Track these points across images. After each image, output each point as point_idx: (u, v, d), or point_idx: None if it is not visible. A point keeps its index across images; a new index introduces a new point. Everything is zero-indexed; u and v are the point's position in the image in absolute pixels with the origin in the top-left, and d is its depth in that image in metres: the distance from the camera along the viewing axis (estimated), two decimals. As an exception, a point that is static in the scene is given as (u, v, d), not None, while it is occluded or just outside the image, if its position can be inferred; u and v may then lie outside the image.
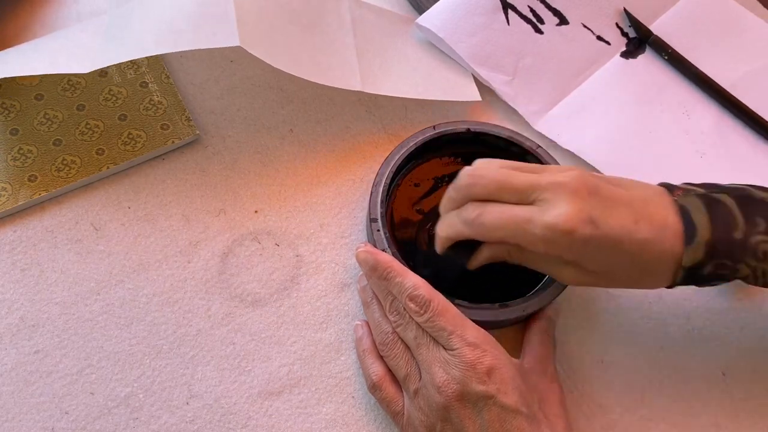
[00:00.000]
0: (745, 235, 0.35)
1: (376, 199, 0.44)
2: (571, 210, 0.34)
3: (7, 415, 0.39)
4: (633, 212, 0.35)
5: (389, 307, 0.39)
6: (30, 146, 0.47)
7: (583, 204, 0.34)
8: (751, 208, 0.35)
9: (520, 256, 0.38)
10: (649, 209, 0.35)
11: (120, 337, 0.42)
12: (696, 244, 0.34)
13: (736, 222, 0.35)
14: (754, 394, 0.43)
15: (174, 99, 0.50)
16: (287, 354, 0.42)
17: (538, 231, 0.34)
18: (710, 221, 0.35)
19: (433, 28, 0.53)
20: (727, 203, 0.36)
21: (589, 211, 0.34)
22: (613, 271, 0.36)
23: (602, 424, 0.42)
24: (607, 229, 0.34)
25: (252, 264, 0.45)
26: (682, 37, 0.55)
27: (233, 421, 0.40)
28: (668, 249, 0.35)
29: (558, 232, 0.34)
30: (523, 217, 0.35)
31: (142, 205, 0.46)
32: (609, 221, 0.34)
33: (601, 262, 0.35)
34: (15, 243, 0.44)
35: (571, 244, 0.34)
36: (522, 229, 0.35)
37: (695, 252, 0.35)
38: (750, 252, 0.35)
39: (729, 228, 0.35)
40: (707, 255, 0.35)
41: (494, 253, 0.39)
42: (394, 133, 0.51)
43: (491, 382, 0.34)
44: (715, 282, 0.36)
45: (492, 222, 0.36)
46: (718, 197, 0.36)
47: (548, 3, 0.55)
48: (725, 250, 0.35)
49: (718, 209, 0.35)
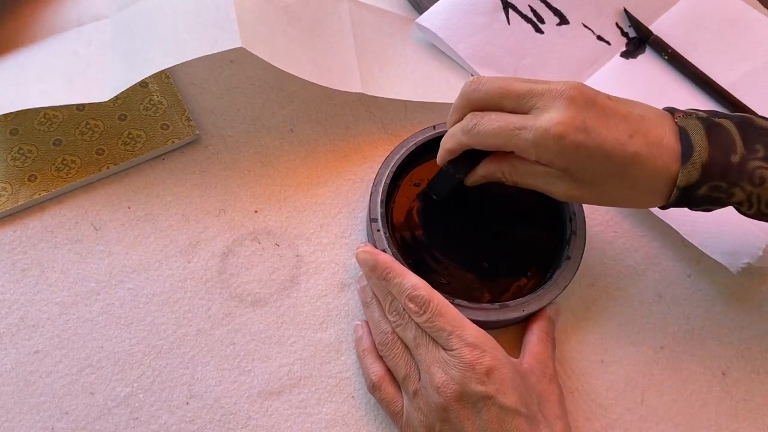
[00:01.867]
0: (742, 159, 0.35)
1: (376, 199, 0.44)
2: (564, 116, 0.34)
3: (7, 415, 0.39)
4: (628, 126, 0.35)
5: (389, 307, 0.39)
6: (30, 146, 0.47)
7: (577, 112, 0.34)
8: (751, 135, 0.35)
9: (515, 173, 0.38)
10: (645, 125, 0.35)
11: (120, 337, 0.42)
12: (692, 164, 0.34)
13: (735, 145, 0.35)
14: (754, 394, 0.43)
15: (174, 99, 0.50)
16: (287, 354, 0.42)
17: (530, 136, 0.34)
18: (708, 143, 0.35)
19: (432, 28, 0.53)
20: (728, 127, 0.36)
21: (582, 118, 0.34)
22: (604, 184, 0.36)
23: (602, 424, 0.42)
24: (599, 138, 0.34)
25: (252, 264, 0.45)
26: (682, 37, 0.55)
27: (233, 421, 0.40)
28: (662, 166, 0.35)
29: (549, 136, 0.34)
30: (518, 124, 0.35)
31: (142, 205, 0.46)
32: (602, 131, 0.34)
33: (592, 171, 0.35)
34: (15, 243, 0.44)
35: (561, 150, 0.34)
36: (516, 135, 0.35)
37: (691, 172, 0.34)
38: (746, 176, 0.34)
39: (727, 151, 0.35)
40: (703, 176, 0.34)
41: (490, 171, 0.39)
42: (394, 133, 0.51)
43: (490, 382, 0.34)
44: (708, 206, 0.36)
45: (488, 128, 0.36)
46: (719, 121, 0.36)
47: (549, 2, 0.55)
48: (721, 173, 0.35)
49: (717, 132, 0.35)
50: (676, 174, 0.35)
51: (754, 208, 0.35)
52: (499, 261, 0.44)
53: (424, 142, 0.46)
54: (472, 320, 0.37)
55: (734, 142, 0.35)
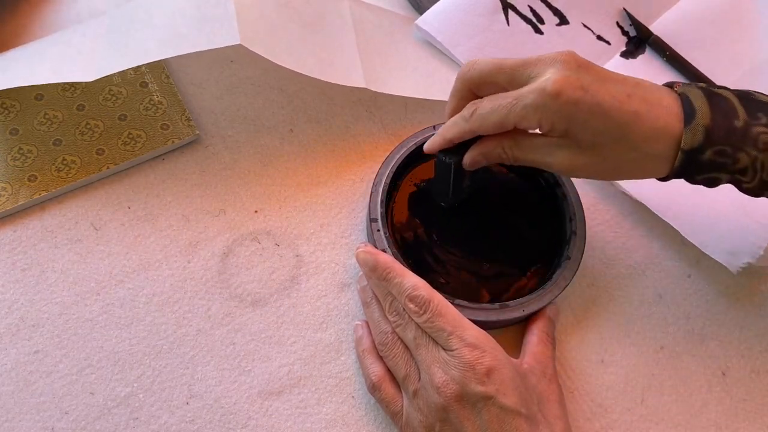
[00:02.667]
0: (746, 124, 0.34)
1: (376, 199, 0.44)
2: (560, 75, 0.34)
3: (7, 415, 0.39)
4: (625, 88, 0.35)
5: (389, 307, 0.39)
6: (30, 146, 0.47)
7: (572, 73, 0.34)
8: (753, 105, 0.35)
9: (515, 146, 0.38)
10: (643, 88, 0.36)
11: (120, 337, 0.42)
12: (695, 126, 0.34)
13: (737, 112, 0.35)
14: (754, 394, 0.43)
15: (174, 99, 0.50)
16: (287, 354, 0.42)
17: (529, 100, 0.35)
18: (710, 108, 0.35)
19: (431, 30, 0.53)
20: (728, 96, 0.36)
21: (579, 78, 0.34)
22: (605, 147, 0.35)
23: (602, 424, 0.42)
24: (597, 96, 0.34)
25: (252, 264, 0.45)
26: (682, 37, 0.55)
27: (233, 421, 0.40)
28: (663, 126, 0.34)
29: (547, 95, 0.34)
30: (515, 95, 0.36)
31: (142, 205, 0.46)
32: (599, 90, 0.34)
33: (592, 132, 0.35)
34: (15, 243, 0.44)
35: (560, 107, 0.34)
36: (515, 105, 0.35)
37: (694, 134, 0.34)
38: (750, 141, 0.34)
39: (729, 116, 0.35)
40: (707, 139, 0.34)
41: (490, 148, 0.39)
42: (394, 133, 0.51)
43: (490, 382, 0.34)
44: (712, 174, 0.36)
45: (487, 108, 0.37)
46: (719, 91, 0.36)
47: (549, 2, 0.55)
48: (725, 136, 0.34)
49: (718, 99, 0.35)
50: (680, 135, 0.34)
51: (757, 177, 0.35)
52: (499, 261, 0.44)
53: (424, 142, 0.46)
54: (472, 320, 0.37)
55: (736, 108, 0.35)
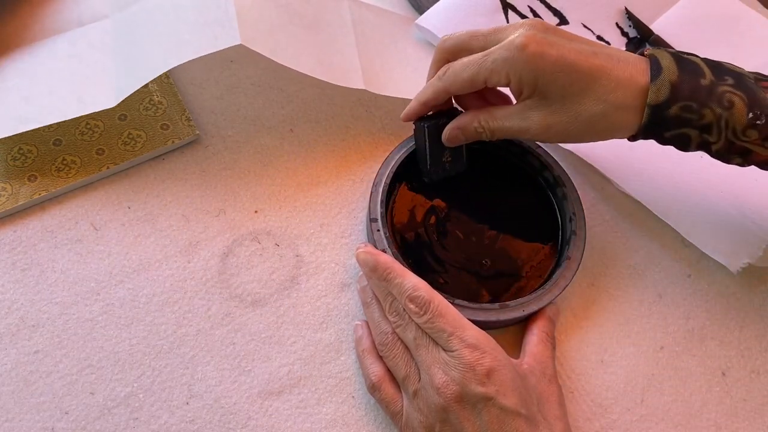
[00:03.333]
0: (711, 83, 0.36)
1: (376, 199, 0.44)
2: (528, 32, 0.37)
3: (7, 415, 0.39)
4: (592, 48, 0.38)
5: (389, 307, 0.39)
6: (30, 146, 0.47)
7: (539, 32, 0.37)
8: (719, 69, 0.37)
9: (491, 118, 0.40)
10: (609, 49, 0.38)
11: (120, 337, 0.42)
12: (661, 82, 0.36)
13: (704, 72, 0.37)
14: (754, 394, 0.43)
15: (174, 99, 0.50)
16: (287, 354, 0.42)
17: (497, 55, 0.37)
18: (678, 67, 0.36)
19: (432, 29, 0.53)
20: (696, 61, 0.37)
21: (545, 37, 0.37)
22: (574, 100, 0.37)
23: (602, 424, 0.42)
24: (563, 50, 0.36)
25: (252, 264, 0.45)
26: (682, 37, 0.55)
27: (233, 421, 0.40)
28: (629, 77, 0.36)
29: (514, 47, 0.36)
30: (486, 52, 0.38)
31: (142, 205, 0.46)
32: (565, 45, 0.37)
33: (561, 85, 0.37)
34: (15, 243, 0.44)
35: (527, 60, 0.36)
36: (485, 60, 0.38)
37: (660, 89, 0.36)
38: (716, 98, 0.36)
39: (696, 75, 0.36)
40: (672, 95, 0.36)
41: (466, 122, 0.41)
42: (394, 133, 0.51)
43: (490, 383, 0.34)
44: (679, 129, 0.37)
45: (459, 65, 0.39)
46: (688, 57, 0.38)
47: (548, 3, 0.55)
48: (691, 92, 0.36)
49: (686, 62, 0.37)
50: (646, 86, 0.36)
51: (722, 136, 0.36)
52: (499, 261, 0.44)
53: (424, 142, 0.46)
54: (472, 320, 0.37)
55: (703, 70, 0.37)
